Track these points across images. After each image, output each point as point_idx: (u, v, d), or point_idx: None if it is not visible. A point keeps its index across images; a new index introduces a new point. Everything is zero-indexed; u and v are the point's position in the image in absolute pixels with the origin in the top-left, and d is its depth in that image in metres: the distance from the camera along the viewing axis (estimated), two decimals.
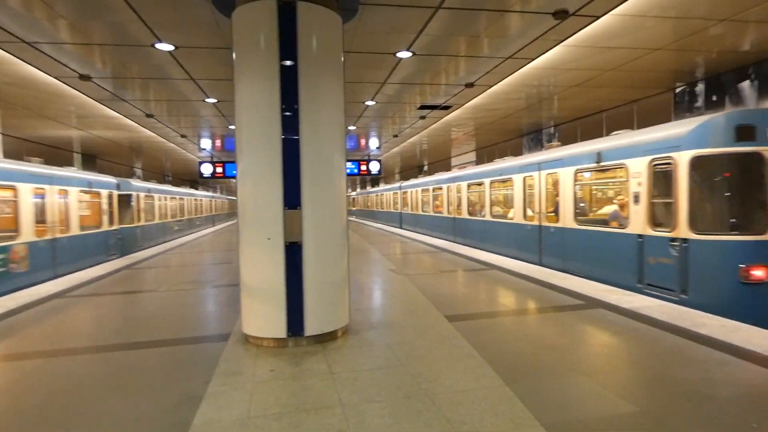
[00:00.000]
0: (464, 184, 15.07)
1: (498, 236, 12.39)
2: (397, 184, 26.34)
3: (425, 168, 28.80)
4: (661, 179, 6.78)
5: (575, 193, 8.97)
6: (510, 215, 11.85)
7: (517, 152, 17.43)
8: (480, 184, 13.78)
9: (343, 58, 4.99)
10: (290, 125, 4.49)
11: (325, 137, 4.71)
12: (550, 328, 5.25)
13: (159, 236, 18.83)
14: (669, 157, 6.57)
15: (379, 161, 16.95)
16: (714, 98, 8.99)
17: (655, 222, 6.89)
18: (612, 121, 12.31)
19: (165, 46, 6.71)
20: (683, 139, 6.42)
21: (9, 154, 13.32)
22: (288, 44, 4.48)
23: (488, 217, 13.19)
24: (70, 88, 8.86)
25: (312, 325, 4.62)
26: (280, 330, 4.56)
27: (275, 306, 4.54)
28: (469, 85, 9.36)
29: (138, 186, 16.62)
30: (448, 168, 23.53)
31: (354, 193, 47.28)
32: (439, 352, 4.37)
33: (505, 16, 5.90)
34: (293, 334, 4.58)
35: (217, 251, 15.28)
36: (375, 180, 38.93)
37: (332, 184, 4.79)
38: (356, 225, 29.67)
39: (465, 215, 15.00)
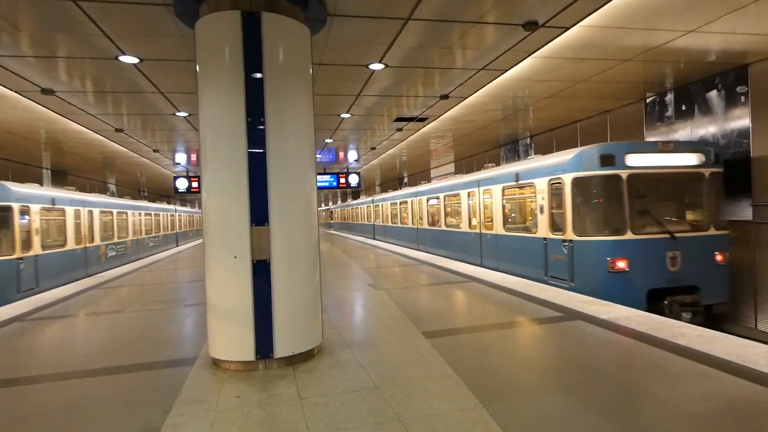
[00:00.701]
0: (424, 198, 17.07)
1: (451, 243, 14.27)
2: (370, 198, 28.37)
3: (405, 180, 28.80)
4: (556, 195, 8.54)
5: (503, 206, 10.90)
6: (460, 225, 13.66)
7: (495, 163, 17.52)
8: (437, 198, 15.68)
9: (312, 70, 4.88)
10: (256, 138, 4.32)
11: (294, 151, 4.56)
12: (528, 342, 5.15)
13: (74, 269, 13.44)
14: (559, 178, 8.36)
15: (358, 174, 16.91)
16: (683, 108, 9.15)
17: (554, 228, 8.66)
18: (587, 131, 12.46)
19: (129, 59, 6.50)
20: (567, 164, 8.20)
21: None
22: (253, 55, 4.34)
23: (443, 227, 15.12)
24: (32, 102, 8.54)
25: (282, 347, 4.42)
26: (248, 353, 4.35)
27: (242, 327, 4.33)
28: (444, 97, 9.35)
29: (27, 194, 11.07)
30: (428, 179, 23.63)
31: (335, 206, 47.60)
32: (414, 371, 4.21)
33: (475, 28, 5.88)
34: (262, 357, 4.37)
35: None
36: (356, 193, 38.81)
37: (302, 199, 4.63)
38: (336, 238, 29.39)
39: (426, 225, 17.00)
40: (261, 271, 4.35)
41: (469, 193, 12.87)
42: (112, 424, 3.34)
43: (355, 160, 20.08)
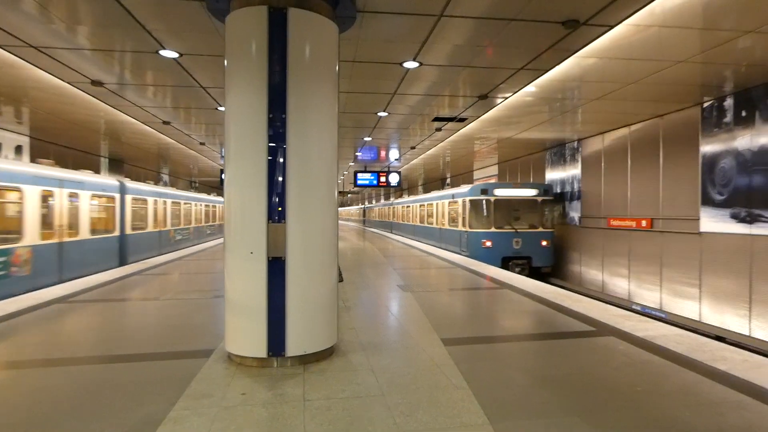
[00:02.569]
0: (418, 205, 25.01)
1: (430, 234, 21.66)
2: (390, 201, 36.85)
3: (448, 181, 28.44)
4: (464, 207, 16.35)
5: (448, 212, 18.55)
6: (433, 223, 21.35)
7: (540, 166, 17.09)
8: (424, 205, 23.55)
9: (346, 68, 4.83)
10: (277, 135, 4.30)
11: (315, 149, 4.51)
12: (552, 357, 4.88)
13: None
14: (465, 199, 16.47)
15: (398, 173, 16.80)
16: (743, 113, 8.44)
17: (463, 224, 16.38)
18: (637, 134, 11.78)
19: (169, 53, 6.68)
20: (466, 192, 16.29)
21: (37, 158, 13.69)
22: (278, 51, 4.31)
23: (426, 224, 22.93)
24: (85, 94, 8.97)
25: (294, 345, 4.38)
26: (259, 349, 4.34)
27: (255, 324, 4.33)
28: (483, 97, 9.07)
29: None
30: (470, 181, 23.39)
31: (368, 205, 52.09)
32: (424, 380, 4.07)
33: (511, 26, 5.62)
34: (274, 354, 4.36)
35: None
36: (396, 193, 38.79)
37: (321, 198, 4.57)
38: (368, 234, 29.43)
39: (419, 223, 24.77)
40: (276, 269, 4.33)
41: (437, 203, 20.56)
42: (116, 412, 3.39)
43: (396, 159, 19.98)
